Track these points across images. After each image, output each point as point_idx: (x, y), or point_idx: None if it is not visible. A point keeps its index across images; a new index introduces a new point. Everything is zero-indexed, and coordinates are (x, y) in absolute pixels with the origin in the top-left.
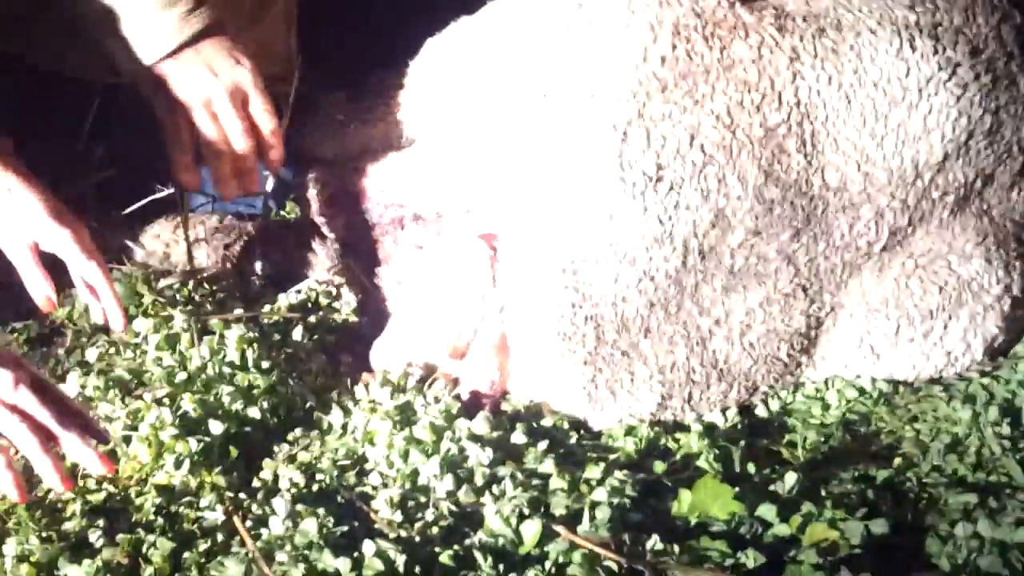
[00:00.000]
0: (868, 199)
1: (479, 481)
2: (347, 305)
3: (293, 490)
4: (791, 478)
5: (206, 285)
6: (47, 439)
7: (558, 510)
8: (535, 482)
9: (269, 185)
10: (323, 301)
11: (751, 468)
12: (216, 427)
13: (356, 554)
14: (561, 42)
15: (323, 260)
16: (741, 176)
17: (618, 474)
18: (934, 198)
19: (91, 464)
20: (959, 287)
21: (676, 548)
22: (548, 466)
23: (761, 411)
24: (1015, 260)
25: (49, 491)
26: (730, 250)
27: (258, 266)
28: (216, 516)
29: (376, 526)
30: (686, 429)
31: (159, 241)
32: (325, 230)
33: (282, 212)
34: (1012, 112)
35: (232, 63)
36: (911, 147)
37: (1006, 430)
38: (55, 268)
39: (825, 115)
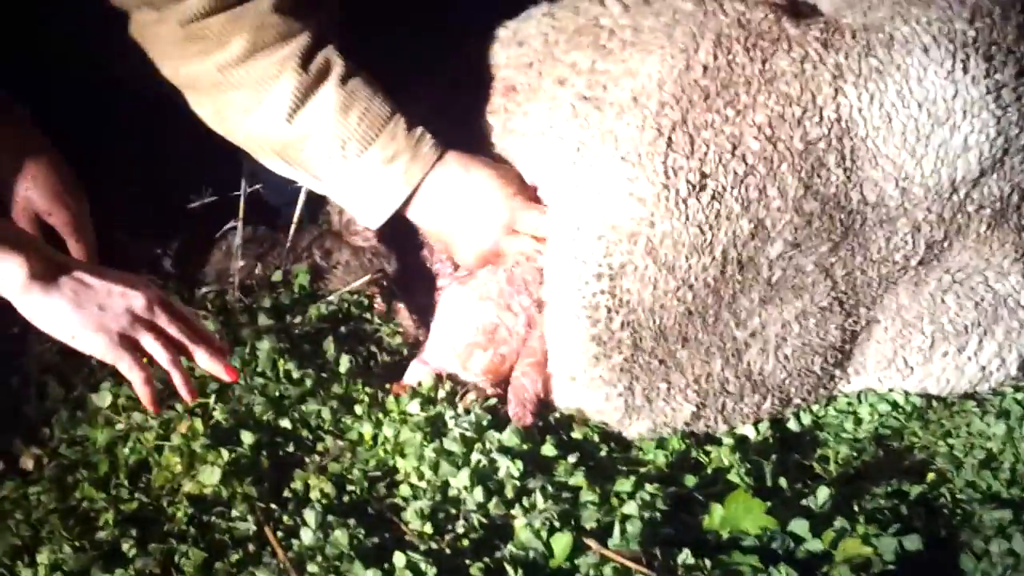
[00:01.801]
0: (905, 214)
1: (509, 493)
2: (379, 316)
3: (324, 501)
4: (823, 493)
5: (238, 295)
6: (179, 353)
7: (589, 523)
8: (565, 495)
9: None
10: (355, 311)
11: (783, 482)
12: (248, 437)
13: (386, 565)
14: (604, 44)
15: (356, 270)
16: (781, 188)
17: (649, 487)
18: (969, 212)
19: (219, 372)
20: (995, 303)
21: (707, 563)
22: (578, 479)
23: (793, 425)
24: None
25: (82, 500)
26: (768, 262)
27: (290, 276)
28: (248, 526)
29: (406, 538)
30: (717, 442)
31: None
32: (359, 240)
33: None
34: None
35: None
36: (950, 165)
37: None
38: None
39: (865, 132)
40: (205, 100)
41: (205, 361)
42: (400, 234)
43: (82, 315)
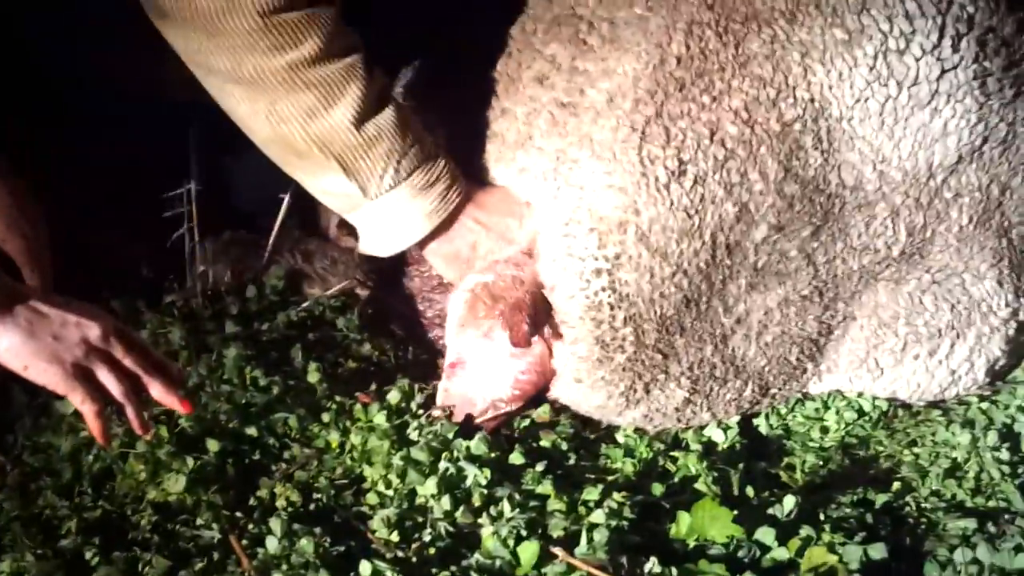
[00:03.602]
0: (883, 198)
1: (476, 502)
2: (351, 322)
3: (290, 509)
4: (790, 501)
5: (206, 302)
6: (134, 385)
7: (556, 532)
8: (533, 503)
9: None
10: (326, 317)
11: (750, 491)
12: (213, 445)
13: (353, 574)
14: (584, 39)
15: (339, 274)
16: (762, 171)
17: (616, 496)
18: (947, 198)
19: (174, 405)
20: (970, 307)
21: (674, 571)
22: (546, 487)
23: (762, 428)
24: None
25: (45, 508)
26: (754, 246)
27: (269, 280)
28: (212, 534)
29: (373, 546)
30: (685, 449)
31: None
32: (349, 242)
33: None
34: None
35: None
36: (927, 149)
37: (1005, 455)
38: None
39: (839, 113)
40: (262, 98)
41: (160, 393)
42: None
43: (36, 345)
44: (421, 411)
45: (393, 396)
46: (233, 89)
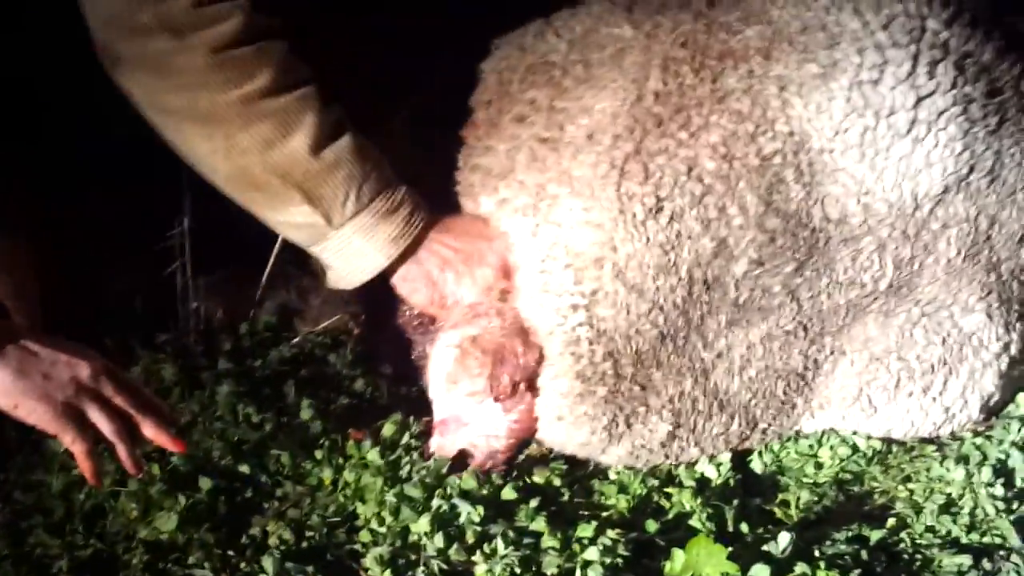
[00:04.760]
0: (869, 231)
1: (470, 539)
2: (344, 359)
3: (282, 547)
4: (784, 538)
5: (199, 338)
6: (126, 424)
7: (550, 569)
8: (526, 540)
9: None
10: (318, 353)
11: (744, 527)
12: (205, 483)
13: None
14: (560, 82)
15: (330, 311)
16: (741, 205)
17: (610, 533)
18: (934, 230)
19: (166, 443)
20: (961, 340)
21: None
22: (540, 524)
23: (756, 466)
24: (1016, 321)
25: (37, 546)
26: (735, 281)
27: (262, 317)
28: (204, 573)
29: None
30: (679, 485)
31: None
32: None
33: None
34: (1017, 159)
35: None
36: (912, 179)
37: (999, 491)
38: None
39: (820, 145)
40: (219, 133)
41: (152, 432)
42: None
43: (26, 384)
44: (415, 444)
45: (387, 430)
46: (190, 128)
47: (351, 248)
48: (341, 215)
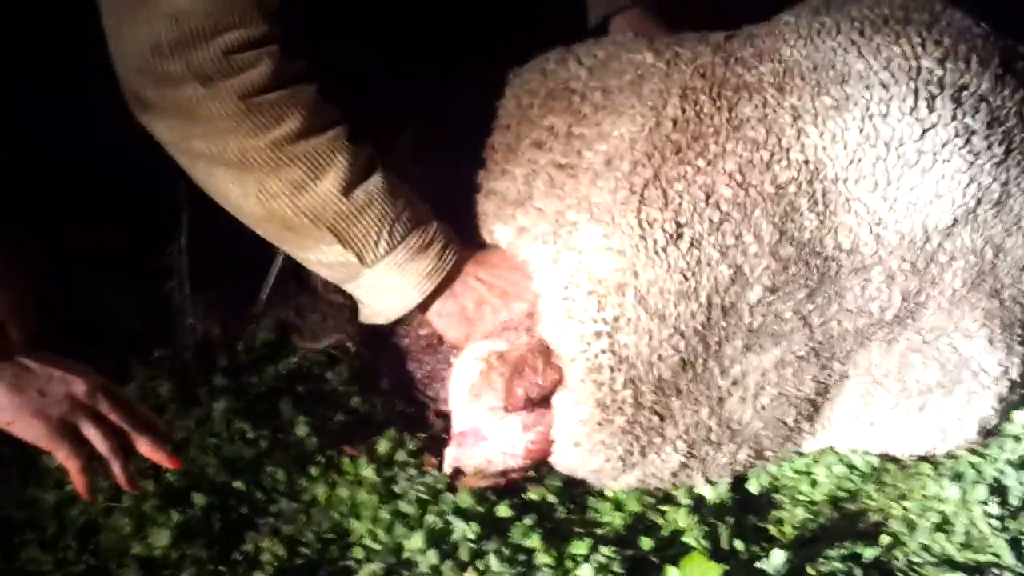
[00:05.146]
0: (879, 261)
1: (464, 556)
2: (340, 376)
3: (276, 563)
4: (779, 556)
5: (195, 355)
6: (121, 441)
7: None
8: (520, 557)
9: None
10: (315, 371)
11: (739, 545)
12: (199, 499)
13: None
14: (578, 109)
15: (329, 329)
16: (757, 233)
17: (604, 550)
18: (942, 262)
19: (161, 460)
20: (960, 365)
21: None
22: (534, 541)
23: (751, 486)
24: (1018, 345)
25: (29, 562)
26: (749, 307)
27: (259, 334)
28: None
29: None
30: (674, 503)
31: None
32: (339, 298)
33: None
34: (1023, 187)
35: None
36: (922, 211)
37: (994, 509)
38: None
39: (835, 174)
40: (249, 178)
41: (147, 449)
42: None
43: (21, 400)
44: (410, 460)
45: (383, 446)
46: (220, 172)
47: (385, 285)
48: (374, 254)
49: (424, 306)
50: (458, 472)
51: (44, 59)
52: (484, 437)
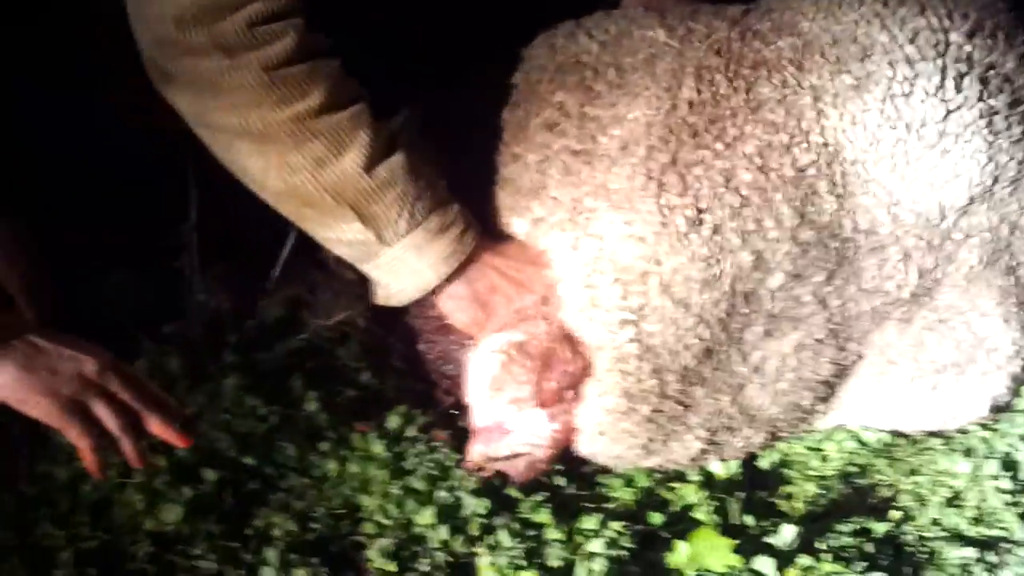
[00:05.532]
0: (896, 240)
1: (474, 531)
2: (351, 351)
3: (287, 539)
4: (789, 531)
5: (205, 331)
6: (131, 419)
7: (554, 561)
8: (530, 532)
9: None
10: (325, 347)
11: (749, 520)
12: (210, 475)
13: None
14: (591, 86)
15: (341, 305)
16: (777, 218)
17: (614, 525)
18: (958, 240)
19: (172, 439)
20: (975, 344)
21: None
22: (544, 516)
23: (761, 462)
24: None
25: (42, 537)
26: (770, 293)
27: (269, 310)
28: (209, 565)
29: None
30: (683, 479)
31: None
32: (350, 274)
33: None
34: None
35: None
36: (939, 190)
37: (1005, 484)
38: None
39: (854, 156)
40: (271, 152)
41: (158, 428)
42: None
43: (31, 379)
44: (420, 436)
45: (393, 421)
46: (242, 145)
47: (403, 266)
48: (394, 233)
49: (438, 290)
50: (481, 468)
51: (44, 58)
52: (508, 430)
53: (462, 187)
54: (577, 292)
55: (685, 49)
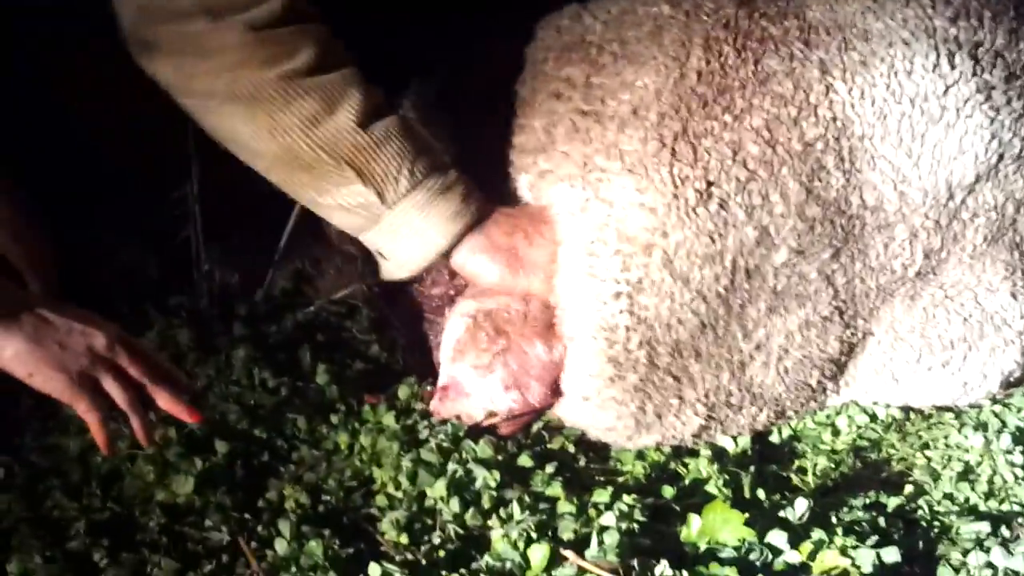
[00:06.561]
0: (903, 219)
1: (486, 504)
2: (360, 323)
3: (299, 511)
4: (801, 504)
5: (214, 303)
6: (140, 394)
7: (566, 534)
8: (542, 505)
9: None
10: (333, 320)
11: (761, 494)
12: (222, 447)
13: None
14: (596, 59)
15: (345, 278)
16: (783, 193)
17: (627, 498)
18: (964, 219)
19: (181, 414)
20: (983, 319)
21: (685, 574)
22: (556, 489)
23: (772, 436)
24: None
25: (54, 509)
26: (774, 270)
27: (277, 283)
28: (221, 536)
29: (382, 548)
30: (695, 453)
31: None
32: (353, 249)
33: None
34: None
35: None
36: (946, 167)
37: (1018, 458)
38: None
39: (862, 131)
40: (261, 113)
41: (166, 403)
42: None
43: (41, 353)
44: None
45: (402, 393)
46: (232, 109)
47: (408, 228)
48: (395, 192)
49: (451, 253)
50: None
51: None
52: (466, 393)
53: (467, 163)
54: (577, 259)
55: (692, 22)
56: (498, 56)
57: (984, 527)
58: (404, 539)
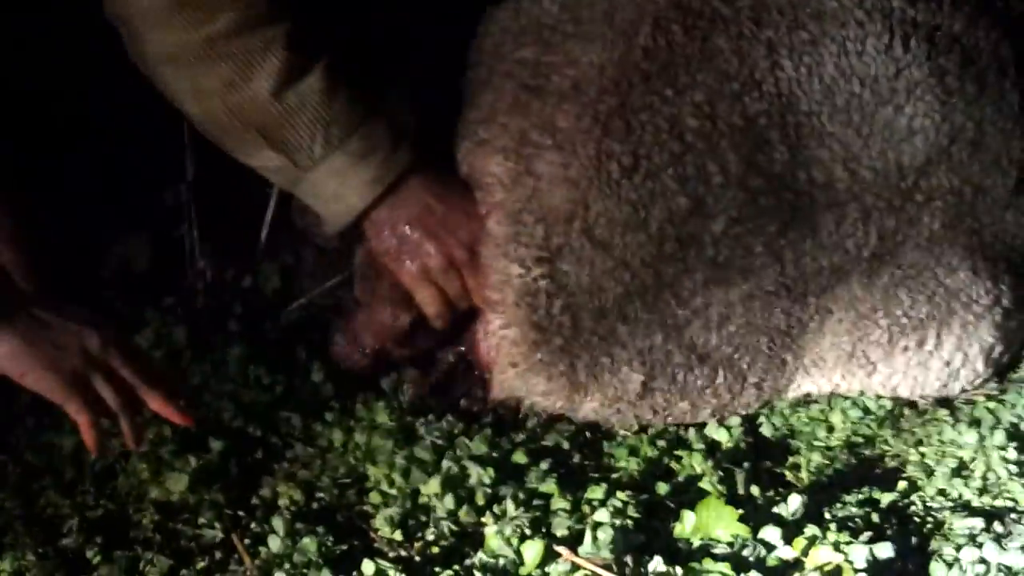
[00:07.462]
0: (855, 198)
1: (480, 500)
2: None
3: (292, 508)
4: (795, 500)
5: (208, 300)
6: (131, 395)
7: (560, 531)
8: (537, 502)
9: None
10: (329, 316)
11: (755, 490)
12: (216, 444)
13: (355, 573)
14: (548, 40)
15: (323, 271)
16: (722, 164)
17: (620, 494)
18: (919, 202)
19: (173, 417)
20: (948, 297)
21: (679, 570)
22: (550, 486)
23: (766, 430)
24: (1004, 274)
25: (47, 506)
26: (713, 239)
27: (267, 279)
28: (215, 533)
29: (376, 545)
30: (689, 448)
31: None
32: (320, 241)
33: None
34: (999, 126)
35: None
36: (895, 148)
37: (1012, 454)
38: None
39: (808, 108)
40: (184, 75)
41: (158, 406)
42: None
43: (34, 352)
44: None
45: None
46: (164, 70)
47: (327, 192)
48: (309, 159)
49: (367, 215)
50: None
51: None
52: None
53: (425, 143)
54: (503, 228)
55: (645, 2)
56: (459, 40)
57: (978, 523)
58: (398, 536)
